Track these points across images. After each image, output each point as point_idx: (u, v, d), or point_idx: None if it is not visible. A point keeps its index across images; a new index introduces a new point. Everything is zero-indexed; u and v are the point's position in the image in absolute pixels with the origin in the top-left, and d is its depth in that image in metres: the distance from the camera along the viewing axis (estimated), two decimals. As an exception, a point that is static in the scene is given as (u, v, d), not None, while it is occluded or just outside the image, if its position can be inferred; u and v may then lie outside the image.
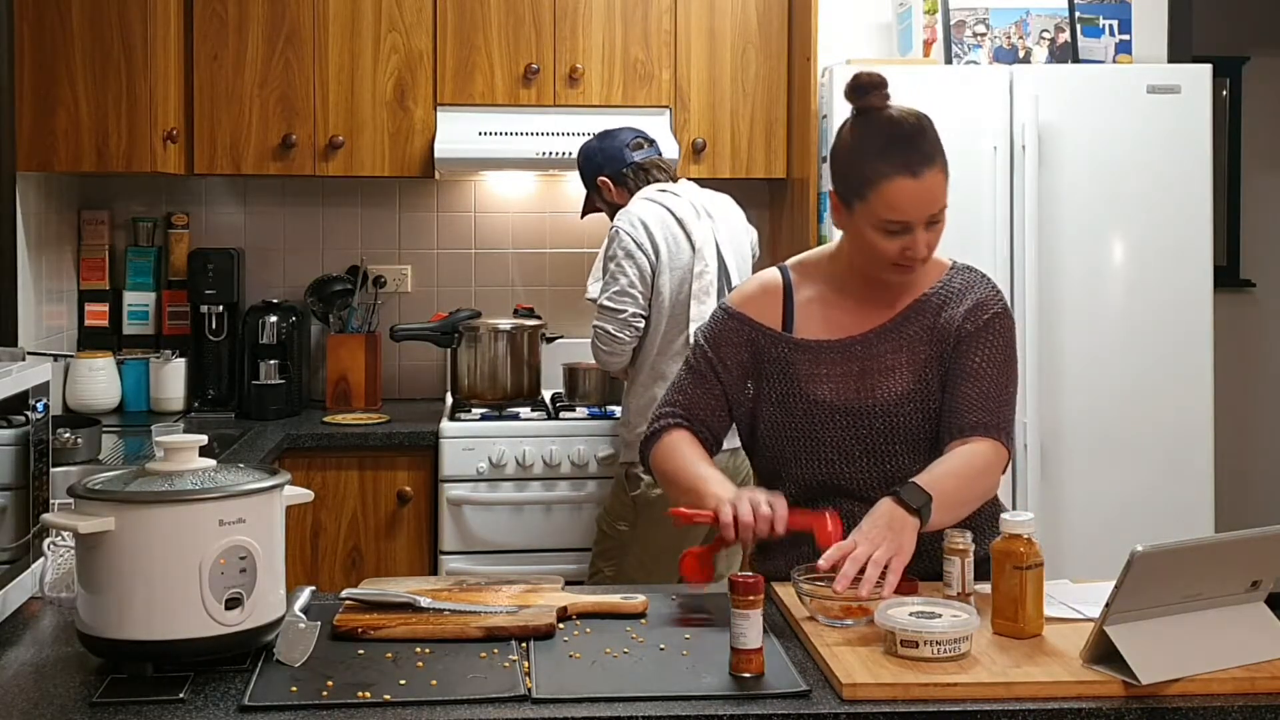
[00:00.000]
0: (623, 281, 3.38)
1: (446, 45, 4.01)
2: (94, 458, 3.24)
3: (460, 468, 3.74)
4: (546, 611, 2.03)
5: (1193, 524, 3.66)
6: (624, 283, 3.38)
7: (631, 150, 3.57)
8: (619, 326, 3.38)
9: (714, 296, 3.35)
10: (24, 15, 3.53)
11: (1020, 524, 1.97)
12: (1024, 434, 3.68)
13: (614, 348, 3.40)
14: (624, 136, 3.60)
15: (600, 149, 3.61)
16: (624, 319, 3.38)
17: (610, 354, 3.41)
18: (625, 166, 3.56)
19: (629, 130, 3.64)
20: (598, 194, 3.62)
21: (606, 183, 3.57)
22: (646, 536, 3.36)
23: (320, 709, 1.70)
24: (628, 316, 3.38)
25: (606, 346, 3.41)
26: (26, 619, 2.06)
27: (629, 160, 3.56)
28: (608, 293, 3.40)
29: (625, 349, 3.40)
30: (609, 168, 3.57)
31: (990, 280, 2.31)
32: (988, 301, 2.26)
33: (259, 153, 3.97)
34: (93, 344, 4.11)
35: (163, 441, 1.90)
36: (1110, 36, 3.99)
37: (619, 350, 3.40)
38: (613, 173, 3.56)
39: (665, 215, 3.43)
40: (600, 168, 3.59)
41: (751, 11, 4.09)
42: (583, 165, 3.65)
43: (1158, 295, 3.76)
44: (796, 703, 1.74)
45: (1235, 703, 1.74)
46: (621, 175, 3.56)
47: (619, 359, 3.41)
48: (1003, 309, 2.28)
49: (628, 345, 3.40)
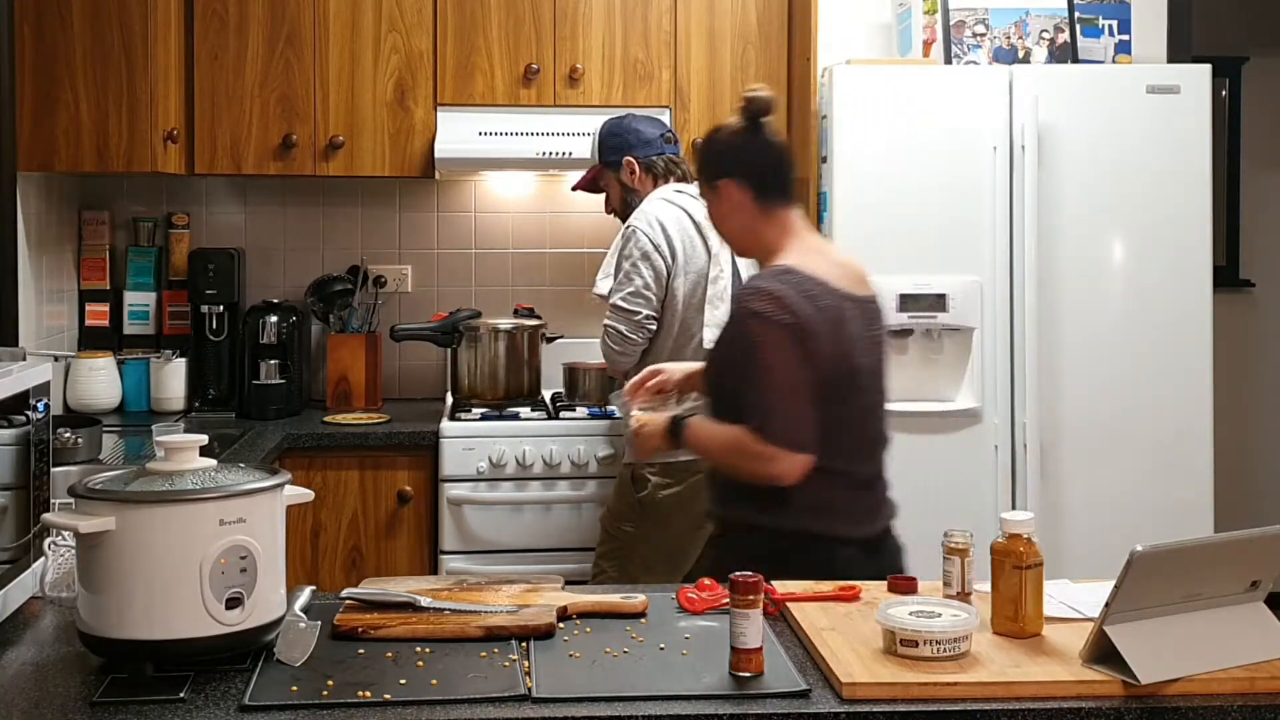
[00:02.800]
0: (638, 283, 3.36)
1: (447, 45, 4.01)
2: (94, 458, 3.24)
3: (460, 467, 3.74)
4: (546, 611, 2.03)
5: (1192, 524, 3.66)
6: (639, 284, 3.36)
7: (664, 142, 3.54)
8: (632, 328, 3.37)
9: (727, 302, 3.33)
10: (24, 15, 3.53)
11: (1020, 524, 1.97)
12: (1024, 433, 3.68)
13: (625, 348, 3.38)
14: (656, 126, 3.56)
15: (634, 129, 3.54)
16: (638, 321, 3.37)
17: (621, 354, 3.40)
18: (658, 154, 3.51)
19: (658, 121, 3.61)
20: (615, 172, 3.54)
21: (633, 163, 3.50)
22: (651, 538, 3.36)
23: (320, 709, 1.70)
24: (641, 319, 3.37)
25: (618, 346, 3.39)
26: (27, 619, 2.06)
27: (664, 150, 3.53)
28: (622, 293, 3.38)
29: (636, 350, 3.39)
30: (641, 150, 3.51)
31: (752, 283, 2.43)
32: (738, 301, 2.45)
33: (259, 153, 3.97)
34: (93, 344, 4.11)
35: (163, 441, 1.91)
36: (1110, 37, 3.99)
37: (630, 351, 3.39)
38: (644, 157, 3.51)
39: (682, 217, 3.40)
40: (631, 147, 3.52)
41: (751, 11, 4.09)
42: (608, 140, 3.56)
43: (1157, 295, 3.76)
44: (796, 702, 1.74)
45: (1235, 703, 1.74)
46: (652, 162, 3.51)
47: (628, 359, 3.40)
48: (745, 311, 2.36)
49: (639, 347, 3.39)
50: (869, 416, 2.45)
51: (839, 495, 2.39)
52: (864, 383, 2.41)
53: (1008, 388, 3.71)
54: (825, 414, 2.34)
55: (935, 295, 3.68)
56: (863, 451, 2.44)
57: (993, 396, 3.71)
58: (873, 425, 2.46)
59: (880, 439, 2.49)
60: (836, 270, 2.42)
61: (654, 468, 3.34)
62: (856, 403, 2.40)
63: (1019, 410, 3.69)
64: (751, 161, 2.43)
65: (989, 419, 3.71)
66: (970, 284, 3.70)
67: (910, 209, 3.70)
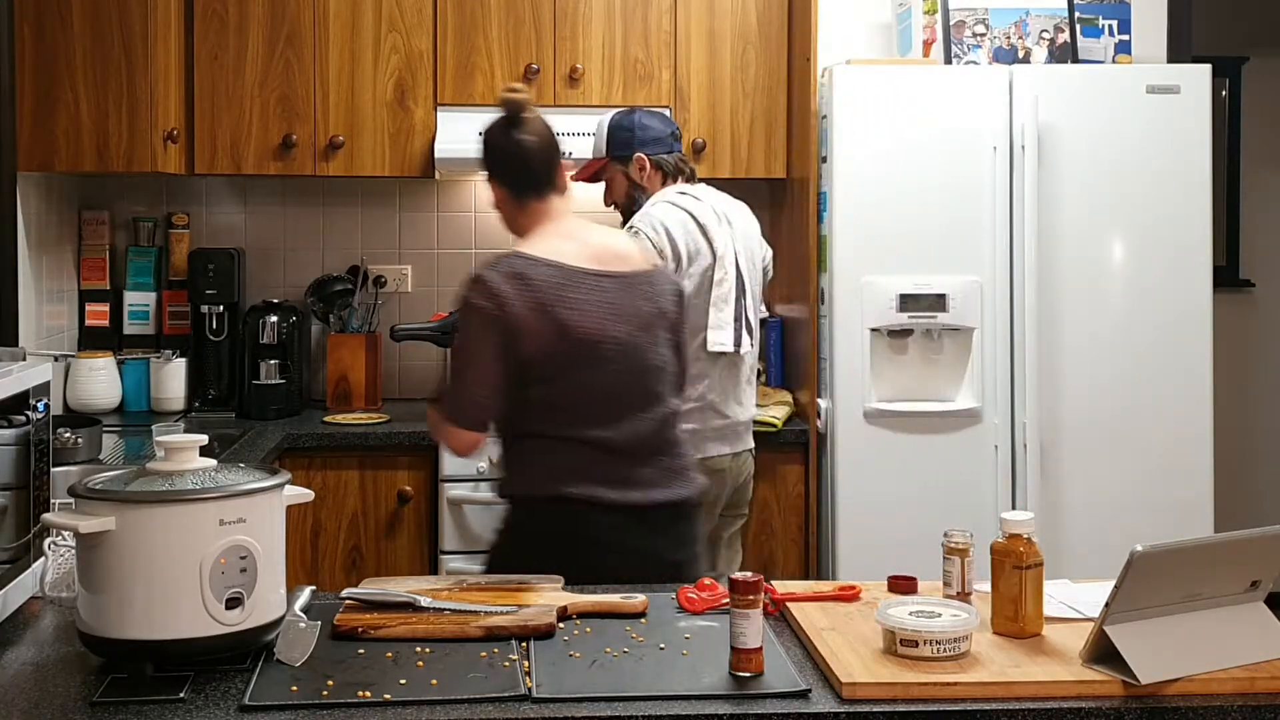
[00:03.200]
0: None
1: (447, 45, 4.01)
2: (94, 458, 3.24)
3: (460, 467, 3.74)
4: (546, 611, 2.03)
5: (1192, 524, 3.67)
6: None
7: (674, 139, 3.49)
8: None
9: (732, 305, 3.32)
10: (24, 15, 3.53)
11: (1020, 524, 1.97)
12: (1024, 433, 3.68)
13: None
14: (665, 123, 3.50)
15: (644, 125, 3.47)
16: None
17: None
18: (670, 153, 3.46)
19: (666, 118, 3.55)
20: (623, 167, 3.47)
21: (644, 160, 3.44)
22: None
23: (320, 709, 1.70)
24: None
25: None
26: (27, 619, 2.06)
27: (674, 149, 3.48)
28: None
29: None
30: (652, 148, 3.45)
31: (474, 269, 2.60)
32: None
33: (259, 153, 3.97)
34: (93, 344, 4.11)
35: (163, 441, 1.91)
36: (1110, 37, 3.99)
37: None
38: (655, 154, 3.45)
39: (687, 219, 3.35)
40: (644, 144, 3.45)
41: (751, 11, 4.09)
42: (617, 134, 3.48)
43: (1157, 295, 3.76)
44: (796, 702, 1.74)
45: (1235, 703, 1.75)
46: (663, 160, 3.45)
47: None
48: (457, 294, 2.55)
49: None
50: (619, 384, 2.51)
51: (591, 461, 2.47)
52: (610, 352, 2.49)
53: (1008, 388, 3.71)
54: (558, 385, 2.46)
55: (935, 295, 3.68)
56: (613, 418, 2.50)
57: (993, 396, 3.71)
58: (628, 393, 2.52)
59: (638, 406, 2.53)
60: (585, 251, 2.56)
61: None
62: (603, 370, 2.49)
63: (1019, 410, 3.70)
64: (503, 161, 2.62)
65: (989, 419, 3.72)
66: (970, 284, 3.70)
67: (910, 209, 3.70)
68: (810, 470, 3.81)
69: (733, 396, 3.38)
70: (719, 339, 3.30)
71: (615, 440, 2.49)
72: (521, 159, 2.61)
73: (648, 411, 2.54)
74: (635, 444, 2.52)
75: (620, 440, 2.50)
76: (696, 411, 3.32)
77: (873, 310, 3.70)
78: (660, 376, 2.58)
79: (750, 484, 3.51)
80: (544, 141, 2.61)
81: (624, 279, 2.57)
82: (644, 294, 2.58)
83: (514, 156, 2.61)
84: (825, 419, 3.76)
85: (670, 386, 2.61)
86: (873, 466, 3.70)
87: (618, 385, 2.51)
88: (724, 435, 3.36)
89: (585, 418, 2.48)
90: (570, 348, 2.46)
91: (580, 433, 2.48)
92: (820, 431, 3.79)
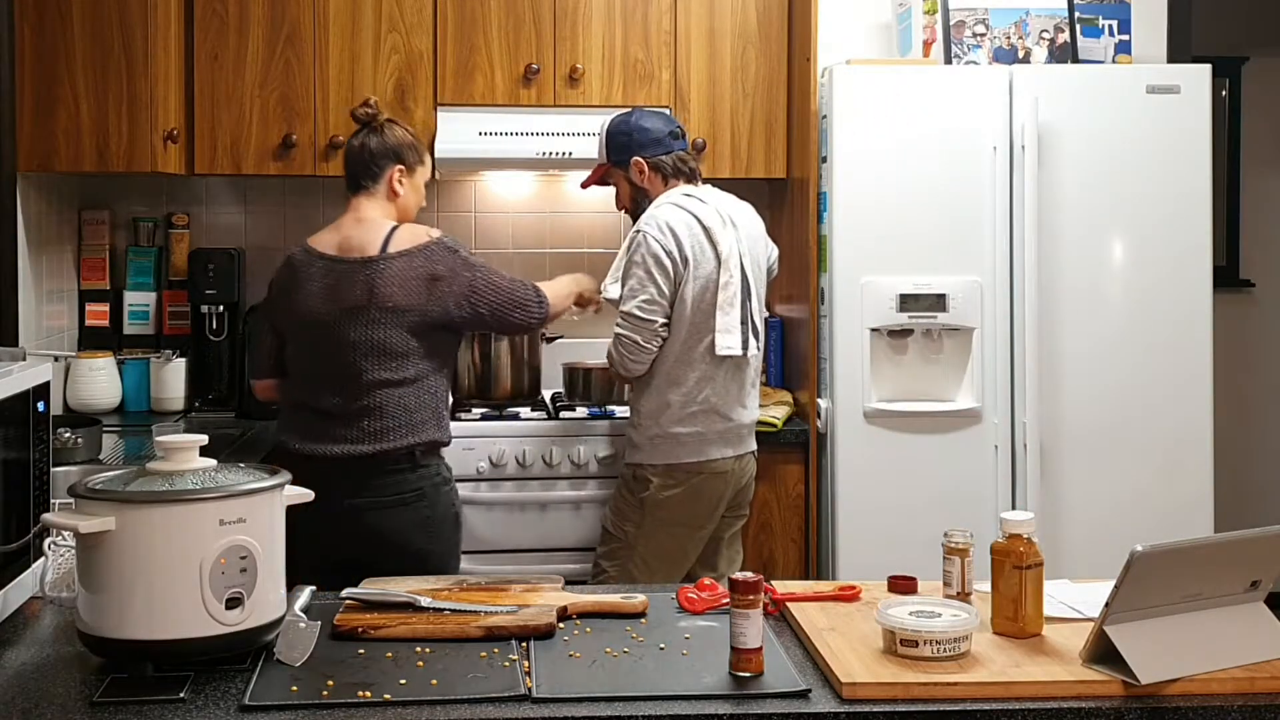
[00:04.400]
0: (651, 291, 3.31)
1: (446, 45, 4.01)
2: (94, 458, 3.24)
3: (460, 467, 3.72)
4: (546, 611, 2.03)
5: (1192, 524, 3.66)
6: (653, 292, 3.31)
7: (672, 139, 3.46)
8: (648, 337, 3.32)
9: (738, 308, 3.31)
10: (24, 15, 3.53)
11: (1020, 524, 1.98)
12: (1024, 433, 3.68)
13: (639, 357, 3.34)
14: (664, 122, 3.48)
15: (642, 128, 3.45)
16: (654, 330, 3.31)
17: (635, 362, 3.34)
18: (667, 153, 3.44)
19: (666, 116, 3.54)
20: (624, 171, 3.47)
21: (641, 164, 3.43)
22: (651, 538, 3.35)
23: (320, 709, 1.71)
24: (657, 328, 3.31)
25: (633, 355, 3.33)
26: (27, 619, 2.06)
27: (673, 148, 3.45)
28: (636, 300, 3.31)
29: (648, 358, 3.34)
30: (650, 150, 3.43)
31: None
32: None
33: (259, 153, 3.97)
34: (93, 344, 4.11)
35: (163, 441, 1.91)
36: (1110, 37, 3.99)
37: (644, 360, 3.34)
38: (653, 156, 3.44)
39: (692, 222, 3.34)
40: (640, 147, 3.43)
41: (751, 11, 4.09)
42: (615, 139, 3.48)
43: (1157, 295, 3.76)
44: (796, 702, 1.74)
45: (1235, 703, 1.75)
46: (660, 161, 3.43)
47: (640, 367, 3.35)
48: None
49: (651, 355, 3.34)
50: (313, 357, 2.98)
51: (298, 418, 2.99)
52: (308, 329, 2.97)
53: (1008, 388, 3.71)
54: (287, 353, 3.04)
55: (935, 295, 3.69)
56: (311, 386, 2.98)
57: (993, 397, 3.71)
58: (323, 365, 2.96)
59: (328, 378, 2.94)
60: (335, 239, 3.04)
61: (655, 468, 3.34)
62: (305, 344, 3.00)
63: (1019, 410, 3.70)
64: (346, 163, 3.16)
65: (989, 419, 3.72)
66: (970, 284, 3.70)
67: (910, 209, 3.70)
68: (810, 470, 3.81)
69: (737, 399, 3.38)
70: (726, 342, 3.29)
71: (317, 405, 2.94)
72: (349, 162, 3.14)
73: (333, 384, 2.94)
74: (336, 409, 2.92)
75: (322, 406, 2.93)
76: (700, 415, 3.32)
77: (873, 310, 3.70)
78: (359, 351, 2.93)
79: (752, 485, 3.51)
80: (353, 151, 3.12)
81: (340, 264, 2.98)
82: (355, 280, 2.94)
83: (347, 160, 3.15)
84: (825, 419, 3.76)
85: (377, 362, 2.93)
86: (873, 466, 3.70)
87: (314, 358, 2.98)
88: (727, 438, 3.36)
89: (295, 382, 3.03)
90: (288, 323, 3.02)
91: (295, 397, 3.03)
92: (820, 431, 3.79)
